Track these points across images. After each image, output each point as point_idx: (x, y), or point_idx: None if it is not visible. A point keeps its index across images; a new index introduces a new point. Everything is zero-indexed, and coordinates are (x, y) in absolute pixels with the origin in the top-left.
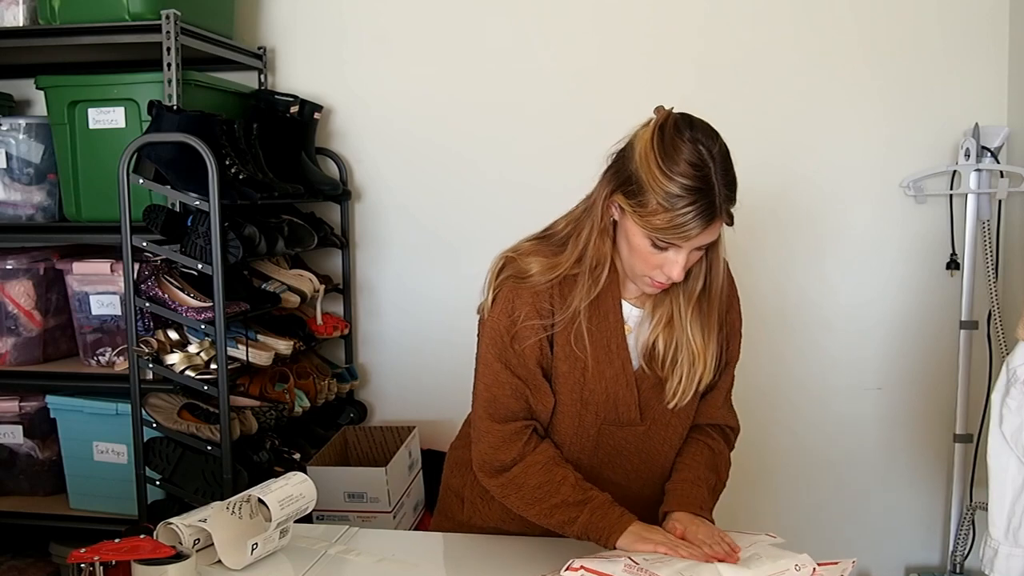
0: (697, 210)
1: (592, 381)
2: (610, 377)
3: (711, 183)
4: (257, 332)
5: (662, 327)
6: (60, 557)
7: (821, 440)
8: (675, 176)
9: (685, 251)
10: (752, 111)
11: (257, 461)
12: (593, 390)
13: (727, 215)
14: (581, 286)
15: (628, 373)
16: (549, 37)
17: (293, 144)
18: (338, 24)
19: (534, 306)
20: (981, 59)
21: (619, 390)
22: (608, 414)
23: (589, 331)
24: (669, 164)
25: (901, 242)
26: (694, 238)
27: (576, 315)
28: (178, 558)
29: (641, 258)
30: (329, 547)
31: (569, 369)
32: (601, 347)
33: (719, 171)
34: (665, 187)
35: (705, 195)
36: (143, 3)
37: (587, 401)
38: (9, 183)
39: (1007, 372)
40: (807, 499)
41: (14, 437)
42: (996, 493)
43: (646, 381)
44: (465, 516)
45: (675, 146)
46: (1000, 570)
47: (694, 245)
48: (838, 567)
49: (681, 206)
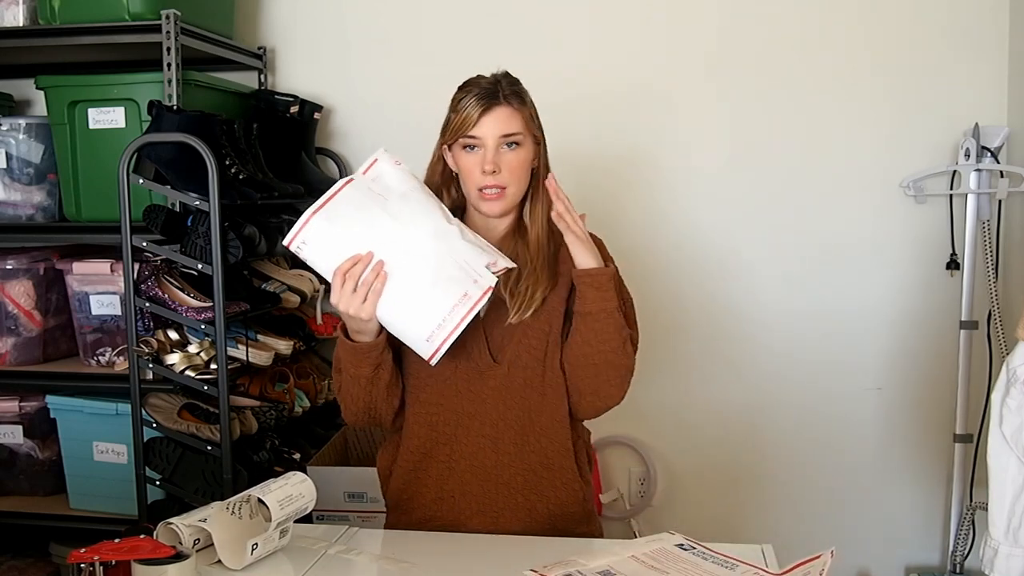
0: (476, 96)
1: None
2: None
3: (487, 79)
4: (257, 332)
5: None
6: (60, 557)
7: (821, 440)
8: (459, 88)
9: (489, 144)
10: (752, 111)
11: (257, 461)
12: None
13: (515, 105)
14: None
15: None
16: (550, 37)
17: (293, 144)
18: (338, 24)
19: None
20: (981, 59)
21: (467, 331)
22: (460, 356)
23: None
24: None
25: (901, 242)
26: (485, 121)
27: None
28: (178, 558)
29: (466, 173)
30: (329, 547)
31: None
32: None
33: (499, 77)
34: (454, 98)
35: (480, 86)
36: (143, 3)
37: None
38: (9, 183)
39: (1007, 372)
40: (807, 499)
41: (14, 437)
42: (996, 493)
43: (496, 323)
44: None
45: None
46: (1000, 570)
47: (489, 132)
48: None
49: (463, 99)
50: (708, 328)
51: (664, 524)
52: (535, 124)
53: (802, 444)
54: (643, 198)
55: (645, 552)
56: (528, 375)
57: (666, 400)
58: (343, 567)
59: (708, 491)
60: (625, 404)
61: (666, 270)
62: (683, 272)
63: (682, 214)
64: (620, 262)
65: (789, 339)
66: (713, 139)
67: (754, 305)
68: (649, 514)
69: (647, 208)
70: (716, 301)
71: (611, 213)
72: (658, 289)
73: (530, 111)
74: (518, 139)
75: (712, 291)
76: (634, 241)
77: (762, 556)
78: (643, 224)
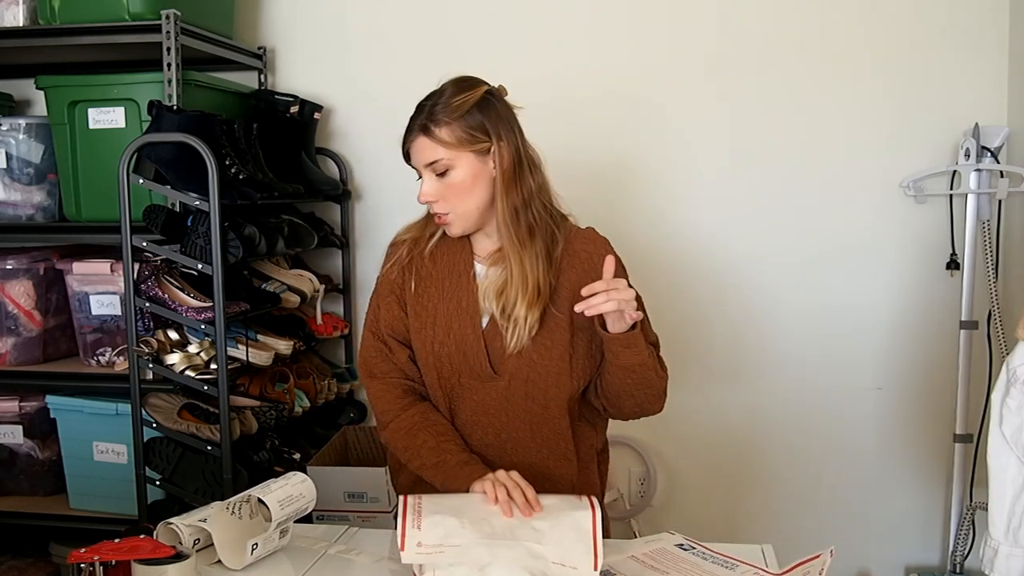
0: (408, 124)
1: (441, 334)
2: (458, 330)
3: (423, 104)
4: (257, 332)
5: (500, 278)
6: (60, 557)
7: (821, 440)
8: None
9: (423, 173)
10: (752, 111)
11: (257, 461)
12: (443, 343)
13: (430, 134)
14: (423, 241)
15: (476, 326)
16: (550, 37)
17: (293, 144)
18: (338, 24)
19: (397, 261)
20: (981, 59)
21: (468, 343)
22: (462, 367)
23: (439, 287)
24: None
25: (901, 242)
26: (411, 152)
27: (423, 270)
28: (178, 558)
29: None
30: (329, 547)
31: (420, 325)
32: (452, 302)
33: (436, 98)
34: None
35: (416, 112)
36: (143, 3)
37: (439, 354)
38: (9, 183)
39: (1007, 372)
40: (807, 499)
41: (14, 437)
42: (996, 493)
43: (497, 336)
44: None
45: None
46: (1000, 570)
47: (416, 162)
48: (818, 561)
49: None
50: (708, 328)
51: (664, 524)
52: (474, 136)
53: (802, 444)
54: (642, 199)
55: (645, 552)
56: (530, 389)
57: (666, 401)
58: (343, 567)
59: (708, 491)
60: None
61: (666, 270)
62: (683, 272)
63: (681, 215)
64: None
65: (789, 339)
66: (713, 140)
67: (754, 305)
68: (649, 514)
69: (647, 208)
70: (716, 301)
71: (611, 214)
72: (658, 289)
73: (460, 129)
74: (442, 166)
75: (712, 291)
76: (634, 241)
77: (762, 556)
78: (643, 224)
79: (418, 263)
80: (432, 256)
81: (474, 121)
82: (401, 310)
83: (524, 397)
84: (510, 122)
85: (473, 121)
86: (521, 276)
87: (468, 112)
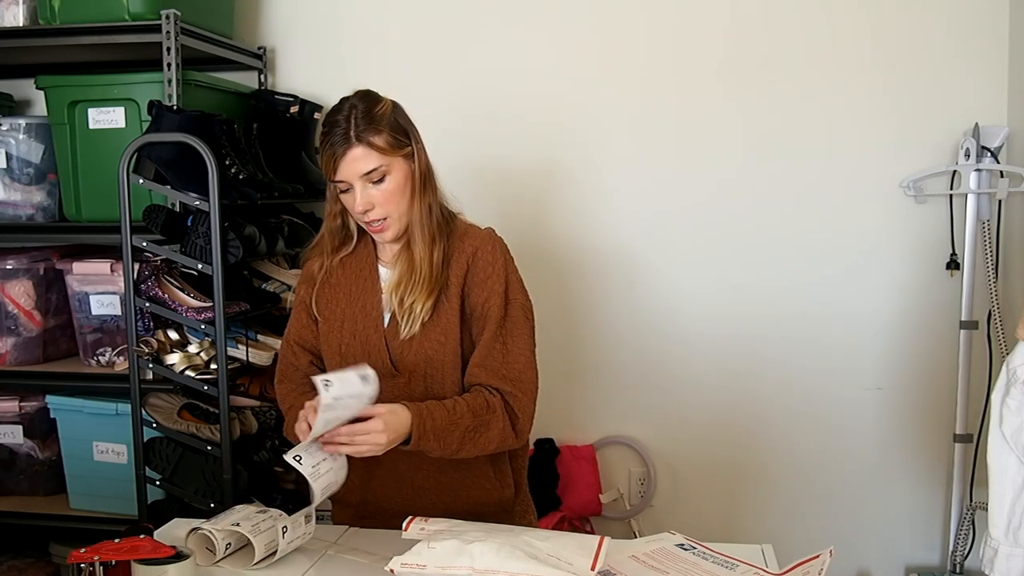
0: (332, 139)
1: (348, 336)
2: (362, 331)
3: (343, 114)
4: (257, 332)
5: (399, 272)
6: (60, 557)
7: (821, 440)
8: (323, 123)
9: (355, 185)
10: (752, 112)
11: (257, 461)
12: (349, 344)
13: (366, 143)
14: (326, 250)
15: (379, 326)
16: (551, 37)
17: (293, 144)
18: (338, 24)
19: (307, 277)
20: (981, 59)
21: (371, 341)
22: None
23: (347, 292)
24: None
25: (901, 242)
26: (343, 165)
27: (333, 278)
28: (178, 558)
29: (348, 210)
30: (329, 547)
31: (328, 328)
32: (358, 305)
33: (355, 111)
34: (320, 135)
35: (336, 125)
36: (143, 3)
37: (345, 355)
38: (9, 183)
39: (1007, 372)
40: (807, 499)
41: (14, 437)
42: (996, 493)
43: (397, 334)
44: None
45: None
46: (1000, 570)
47: (350, 174)
48: (818, 561)
49: (323, 141)
50: (708, 328)
51: (664, 524)
52: (400, 141)
53: (802, 444)
54: (642, 199)
55: (645, 552)
56: (428, 384)
57: (666, 400)
58: (343, 567)
59: (708, 491)
60: (625, 404)
61: (666, 270)
62: (682, 272)
63: (680, 215)
64: (623, 263)
65: (789, 339)
66: (713, 140)
67: (754, 305)
68: (649, 514)
69: (646, 209)
70: (716, 301)
71: (617, 214)
72: (658, 289)
73: (389, 135)
74: (380, 173)
75: (712, 291)
76: (635, 241)
77: (762, 556)
78: (643, 224)
79: (328, 272)
80: (343, 264)
81: (397, 127)
82: (309, 319)
83: (424, 393)
84: (414, 126)
85: (396, 127)
86: (420, 265)
87: (390, 120)
